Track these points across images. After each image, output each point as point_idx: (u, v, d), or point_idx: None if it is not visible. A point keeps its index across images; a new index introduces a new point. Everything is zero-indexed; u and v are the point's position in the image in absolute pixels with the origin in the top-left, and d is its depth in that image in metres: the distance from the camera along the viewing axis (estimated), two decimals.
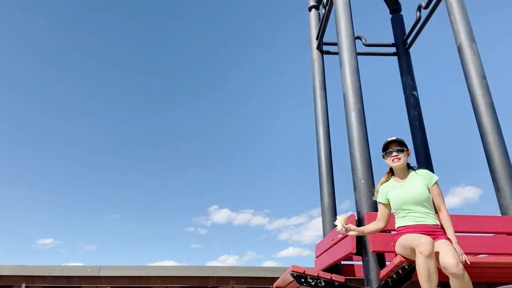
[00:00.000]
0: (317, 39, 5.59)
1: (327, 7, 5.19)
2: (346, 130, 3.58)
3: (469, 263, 2.38)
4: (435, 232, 2.63)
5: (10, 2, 15.07)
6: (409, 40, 5.45)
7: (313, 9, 5.81)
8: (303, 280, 3.03)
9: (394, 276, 2.73)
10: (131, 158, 16.93)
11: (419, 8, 5.04)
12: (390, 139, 2.89)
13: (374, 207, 3.16)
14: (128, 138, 17.24)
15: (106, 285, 4.70)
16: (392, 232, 2.96)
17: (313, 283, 3.01)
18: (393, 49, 5.63)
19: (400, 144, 2.86)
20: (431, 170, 4.75)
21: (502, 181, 3.32)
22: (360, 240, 3.07)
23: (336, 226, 2.83)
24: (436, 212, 2.74)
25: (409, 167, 2.94)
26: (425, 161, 4.81)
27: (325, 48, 5.65)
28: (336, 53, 4.31)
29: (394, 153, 2.84)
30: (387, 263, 2.99)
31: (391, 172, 2.97)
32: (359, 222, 3.08)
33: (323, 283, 3.01)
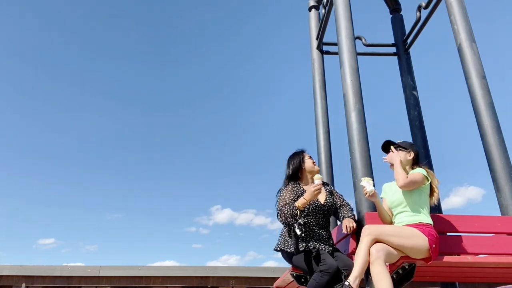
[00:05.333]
0: (317, 39, 5.59)
1: (327, 7, 5.18)
2: (346, 130, 3.58)
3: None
4: None
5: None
6: (409, 40, 5.44)
7: (313, 9, 5.81)
8: (303, 280, 3.04)
9: (394, 276, 2.73)
10: (133, 158, 16.95)
11: (419, 8, 5.04)
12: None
13: (374, 207, 3.15)
14: (130, 138, 17.26)
15: (106, 285, 4.70)
16: None
17: None
18: (393, 49, 5.62)
19: (387, 147, 3.09)
20: (431, 170, 4.73)
21: (502, 181, 3.32)
22: None
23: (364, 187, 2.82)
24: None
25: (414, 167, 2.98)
26: (425, 162, 4.80)
27: (325, 48, 5.65)
28: (336, 53, 4.30)
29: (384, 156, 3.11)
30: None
31: None
32: (359, 222, 3.08)
33: None
